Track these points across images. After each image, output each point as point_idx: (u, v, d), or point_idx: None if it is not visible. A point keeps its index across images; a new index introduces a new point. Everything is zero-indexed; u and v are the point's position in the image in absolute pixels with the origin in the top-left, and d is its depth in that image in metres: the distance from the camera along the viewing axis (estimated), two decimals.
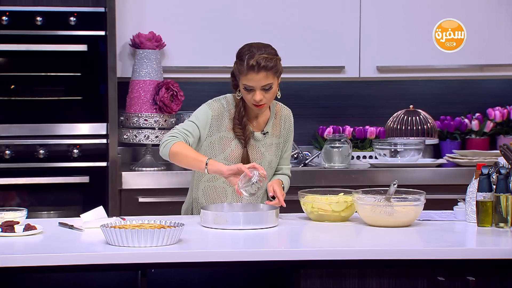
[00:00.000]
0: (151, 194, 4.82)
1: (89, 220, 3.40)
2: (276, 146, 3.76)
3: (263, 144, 3.72)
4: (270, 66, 3.53)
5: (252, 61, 3.52)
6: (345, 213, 3.55)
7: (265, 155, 3.72)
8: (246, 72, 3.54)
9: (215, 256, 3.02)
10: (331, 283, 3.07)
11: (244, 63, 3.54)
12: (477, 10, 5.24)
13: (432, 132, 5.13)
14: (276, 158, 3.76)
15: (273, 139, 3.75)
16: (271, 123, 3.75)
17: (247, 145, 3.68)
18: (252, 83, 3.55)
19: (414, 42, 5.23)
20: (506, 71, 5.32)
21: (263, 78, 3.54)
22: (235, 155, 3.67)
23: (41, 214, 4.75)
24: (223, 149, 3.67)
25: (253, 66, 3.52)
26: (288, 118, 3.80)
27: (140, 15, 5.05)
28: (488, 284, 3.10)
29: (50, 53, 4.83)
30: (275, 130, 3.76)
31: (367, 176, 4.97)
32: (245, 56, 3.55)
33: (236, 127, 3.66)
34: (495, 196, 3.42)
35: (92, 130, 4.86)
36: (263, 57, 3.53)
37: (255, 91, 3.56)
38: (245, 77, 3.55)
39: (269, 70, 3.53)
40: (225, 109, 3.68)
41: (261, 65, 3.52)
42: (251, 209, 3.58)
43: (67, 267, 2.94)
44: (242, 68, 3.55)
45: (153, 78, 4.96)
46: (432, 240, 3.28)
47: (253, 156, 3.69)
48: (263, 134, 3.72)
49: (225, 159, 3.66)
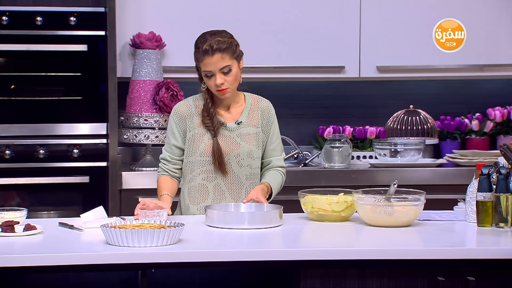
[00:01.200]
0: (151, 194, 4.80)
1: (89, 220, 3.40)
2: (255, 136, 3.75)
3: (238, 134, 3.73)
4: (223, 48, 3.60)
5: (206, 45, 3.60)
6: (345, 213, 3.55)
7: (242, 145, 3.72)
8: (202, 58, 3.61)
9: (215, 256, 3.02)
10: (331, 283, 3.07)
11: (199, 49, 3.62)
12: (477, 10, 5.24)
13: (432, 132, 5.13)
14: (257, 148, 3.75)
15: (250, 129, 3.75)
16: (246, 113, 3.76)
17: (216, 135, 3.69)
18: (209, 68, 3.61)
19: (414, 42, 5.23)
20: (506, 71, 5.32)
21: (219, 60, 3.59)
22: (210, 148, 3.69)
23: (41, 214, 4.75)
24: (198, 145, 3.70)
25: (207, 50, 3.59)
26: (267, 109, 3.81)
27: (140, 15, 5.05)
28: (488, 284, 3.10)
29: (50, 53, 4.83)
30: (252, 120, 3.76)
31: (367, 176, 4.97)
32: (200, 43, 3.63)
33: (205, 118, 3.70)
34: (495, 196, 3.42)
35: (92, 130, 4.86)
36: (216, 40, 3.60)
37: (215, 75, 3.61)
38: (203, 63, 3.62)
39: (223, 52, 3.60)
40: (192, 107, 3.73)
41: (214, 47, 3.59)
42: (254, 209, 3.58)
43: (67, 267, 2.94)
44: (198, 54, 3.63)
45: (153, 78, 4.96)
46: (432, 240, 3.28)
47: (229, 147, 3.70)
48: (237, 124, 3.73)
49: (200, 155, 3.69)
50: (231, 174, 3.71)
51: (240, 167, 3.71)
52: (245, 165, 3.72)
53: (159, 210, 3.40)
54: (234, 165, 3.71)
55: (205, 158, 3.69)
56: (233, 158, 3.71)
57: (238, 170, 3.71)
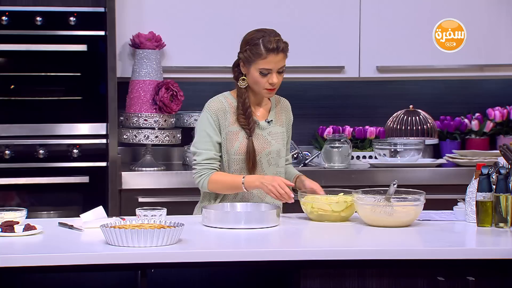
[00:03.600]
0: (151, 194, 4.82)
1: (89, 220, 3.40)
2: (282, 135, 3.79)
3: (268, 132, 3.74)
4: (286, 49, 3.65)
5: (273, 44, 3.61)
6: (345, 213, 3.55)
7: (273, 144, 3.74)
8: (265, 55, 3.61)
9: (215, 256, 3.02)
10: (331, 283, 3.07)
11: (261, 46, 3.61)
12: (477, 10, 5.23)
13: (432, 132, 5.13)
14: (284, 147, 3.79)
15: (277, 128, 3.77)
16: (273, 112, 3.79)
17: (252, 135, 3.69)
18: (271, 66, 3.62)
19: (414, 42, 5.22)
20: (506, 71, 5.32)
21: (281, 59, 3.64)
22: (245, 147, 3.69)
23: (41, 214, 4.75)
24: (232, 144, 3.69)
25: (274, 49, 3.61)
26: (288, 108, 3.86)
27: (140, 15, 5.05)
28: (488, 284, 3.10)
29: (50, 53, 4.83)
30: (278, 119, 3.79)
31: (367, 176, 4.97)
32: (259, 40, 3.63)
33: (240, 117, 3.69)
34: (495, 196, 3.42)
35: (92, 130, 4.86)
36: (280, 39, 3.64)
37: (272, 73, 3.63)
38: (264, 61, 3.61)
39: (285, 52, 3.65)
40: (225, 104, 3.71)
41: (281, 47, 3.62)
42: (253, 208, 3.59)
43: (67, 267, 2.95)
44: (260, 51, 3.61)
45: (153, 78, 4.96)
46: (432, 240, 3.28)
47: (261, 145, 3.71)
48: (268, 122, 3.75)
49: (235, 153, 3.69)
50: (259, 172, 3.71)
51: (269, 166, 3.73)
52: (273, 163, 3.74)
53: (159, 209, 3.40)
54: (264, 163, 3.71)
55: (239, 157, 3.69)
56: (264, 157, 3.71)
57: (267, 168, 3.71)
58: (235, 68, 3.73)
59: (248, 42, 3.66)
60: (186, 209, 4.04)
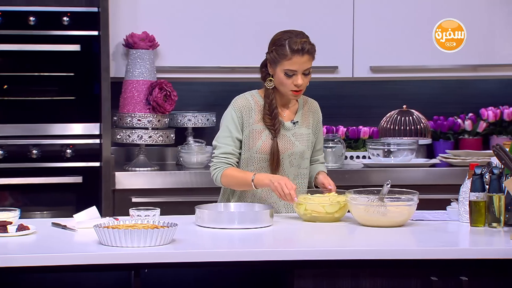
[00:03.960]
0: (144, 194, 4.82)
1: (82, 220, 3.39)
2: (307, 137, 3.79)
3: (293, 133, 3.75)
4: (312, 50, 3.66)
5: (298, 45, 3.62)
6: (339, 214, 3.54)
7: (296, 145, 3.74)
8: (290, 56, 3.62)
9: (208, 256, 3.02)
10: (324, 283, 3.07)
11: (287, 47, 3.63)
12: (476, 10, 5.22)
13: (425, 132, 5.14)
14: (308, 149, 3.79)
15: (303, 129, 3.78)
16: (300, 113, 3.80)
17: (277, 135, 3.70)
18: (295, 67, 3.63)
19: (407, 42, 5.23)
20: (501, 71, 5.32)
21: (307, 61, 3.64)
22: (267, 146, 3.70)
23: (34, 214, 4.74)
24: (254, 142, 3.71)
25: (299, 50, 3.62)
26: (317, 110, 3.88)
27: (133, 15, 5.05)
28: (481, 284, 3.10)
29: (43, 53, 4.82)
30: (305, 121, 3.80)
31: (360, 176, 4.97)
32: (285, 41, 3.64)
33: (266, 117, 3.71)
34: (488, 196, 3.42)
35: (86, 130, 4.85)
36: (306, 41, 3.65)
37: (297, 75, 3.64)
38: (289, 61, 3.62)
39: (311, 54, 3.66)
40: (252, 103, 3.73)
41: (306, 48, 3.63)
42: (246, 208, 3.58)
43: (60, 267, 2.94)
44: (285, 52, 3.63)
45: (147, 78, 4.96)
46: (425, 240, 3.29)
47: (284, 146, 3.72)
48: (293, 123, 3.75)
49: (257, 152, 3.70)
50: (281, 173, 3.71)
51: (291, 167, 3.73)
52: (295, 164, 3.74)
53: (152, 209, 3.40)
54: (286, 164, 3.72)
55: (261, 155, 3.70)
56: (286, 157, 3.72)
57: (289, 169, 3.72)
58: (263, 69, 3.75)
59: (275, 42, 3.68)
60: (180, 209, 4.05)
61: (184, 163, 5.06)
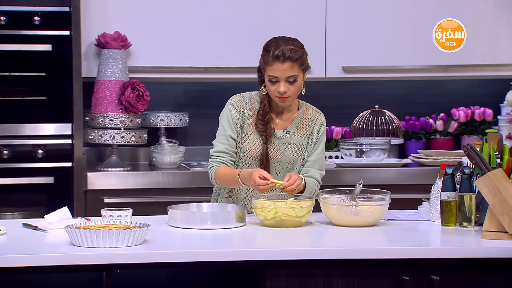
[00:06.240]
0: (116, 195, 4.80)
1: (53, 221, 3.37)
2: (299, 147, 3.72)
3: (283, 142, 3.70)
4: (295, 58, 3.58)
5: (278, 51, 3.57)
6: (305, 218, 3.49)
7: (284, 154, 3.70)
8: (271, 62, 3.58)
9: (180, 256, 3.02)
10: (297, 283, 3.08)
11: (270, 53, 3.59)
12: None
13: (397, 132, 5.16)
14: (299, 159, 3.72)
15: (295, 139, 3.72)
16: (296, 122, 3.74)
17: (267, 142, 3.67)
18: (277, 74, 3.58)
19: (379, 42, 5.24)
20: (469, 71, 5.35)
21: (288, 68, 3.57)
22: (253, 151, 3.67)
23: (5, 215, 4.71)
24: (242, 144, 3.68)
25: (279, 56, 3.57)
26: (318, 121, 3.79)
27: (105, 15, 5.03)
28: (452, 283, 3.12)
29: (14, 53, 4.79)
30: (300, 131, 3.73)
31: (333, 176, 4.97)
32: (271, 47, 3.61)
33: (259, 122, 3.67)
34: (459, 195, 3.44)
35: (57, 130, 4.83)
36: (289, 48, 3.59)
37: (279, 82, 3.59)
38: (270, 67, 3.58)
39: (294, 61, 3.58)
40: (247, 103, 3.70)
41: (287, 55, 3.57)
42: (219, 208, 3.58)
43: (31, 268, 2.93)
44: (268, 58, 3.60)
45: (119, 78, 4.94)
46: (397, 239, 3.30)
47: (271, 153, 3.68)
48: (285, 132, 3.71)
49: (243, 154, 3.68)
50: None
51: (278, 175, 3.67)
52: (282, 173, 3.67)
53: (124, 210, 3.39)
54: (273, 172, 3.66)
55: (246, 159, 3.68)
56: (273, 165, 3.68)
57: (275, 176, 3.61)
58: (259, 73, 3.71)
59: (264, 48, 3.65)
60: (152, 209, 4.03)
61: (156, 164, 5.05)
